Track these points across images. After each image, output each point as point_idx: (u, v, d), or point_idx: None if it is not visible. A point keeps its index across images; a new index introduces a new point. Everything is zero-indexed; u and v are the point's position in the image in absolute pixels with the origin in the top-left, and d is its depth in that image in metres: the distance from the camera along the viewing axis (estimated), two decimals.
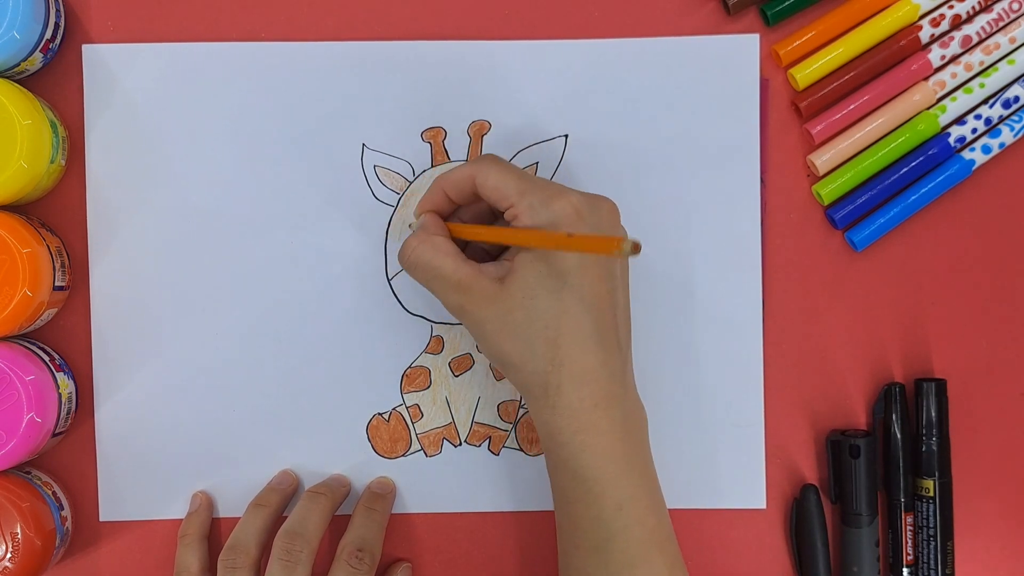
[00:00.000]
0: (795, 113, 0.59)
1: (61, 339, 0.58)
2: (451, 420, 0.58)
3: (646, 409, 0.53)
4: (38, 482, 0.55)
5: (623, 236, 0.44)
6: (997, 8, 0.58)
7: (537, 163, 0.58)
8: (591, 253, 0.47)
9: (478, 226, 0.54)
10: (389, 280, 0.58)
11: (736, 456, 0.59)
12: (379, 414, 0.58)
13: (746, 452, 0.59)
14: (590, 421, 0.50)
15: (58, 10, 0.56)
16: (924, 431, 0.58)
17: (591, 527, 0.50)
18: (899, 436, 0.58)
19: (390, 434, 0.58)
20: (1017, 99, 0.58)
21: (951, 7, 0.58)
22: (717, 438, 0.58)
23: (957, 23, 0.58)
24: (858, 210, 0.58)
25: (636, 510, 0.50)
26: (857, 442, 0.57)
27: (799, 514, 0.58)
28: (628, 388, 0.52)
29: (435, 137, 0.58)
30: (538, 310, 0.49)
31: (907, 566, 0.58)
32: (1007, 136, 0.58)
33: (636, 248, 0.43)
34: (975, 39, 0.58)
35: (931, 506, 0.57)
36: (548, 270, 0.50)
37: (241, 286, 0.58)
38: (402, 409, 0.58)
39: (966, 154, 0.58)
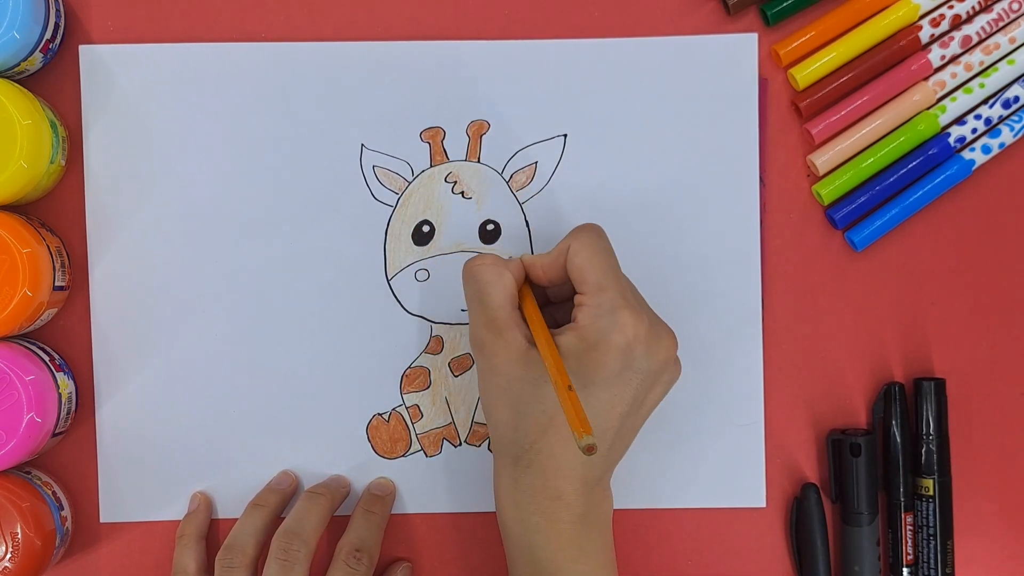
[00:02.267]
0: (795, 113, 0.59)
1: (61, 339, 0.58)
2: (451, 420, 0.58)
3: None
4: (38, 482, 0.55)
5: (590, 432, 0.44)
6: (997, 8, 0.58)
7: (536, 163, 0.58)
8: (564, 411, 0.47)
9: (531, 304, 0.52)
10: (389, 280, 0.58)
11: (736, 455, 0.59)
12: (379, 414, 0.58)
13: (746, 451, 0.59)
14: (549, 509, 0.50)
15: (58, 10, 0.56)
16: (924, 431, 0.58)
17: None
18: (899, 436, 0.58)
19: (390, 434, 0.58)
20: (1017, 99, 0.58)
21: (951, 7, 0.58)
22: (717, 437, 0.58)
23: (957, 23, 0.58)
24: (858, 210, 0.58)
25: None
26: (858, 441, 0.57)
27: (799, 513, 0.58)
28: (601, 483, 0.51)
29: (434, 137, 0.58)
30: (544, 394, 0.49)
31: (907, 566, 0.58)
32: (1007, 136, 0.58)
33: (590, 448, 0.44)
34: (975, 39, 0.58)
35: (931, 505, 0.57)
36: (579, 367, 0.49)
37: (241, 286, 0.58)
38: (402, 409, 0.58)
39: (966, 154, 0.58)
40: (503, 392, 0.50)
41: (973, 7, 0.58)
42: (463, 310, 0.58)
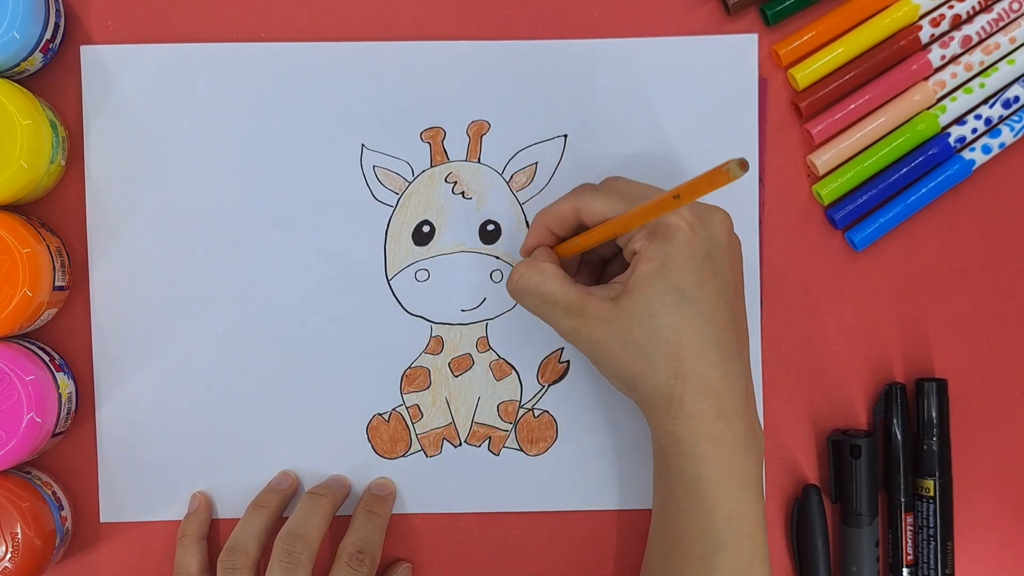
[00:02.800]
0: (795, 113, 0.59)
1: (61, 339, 0.58)
2: (451, 420, 0.58)
3: None
4: (38, 482, 0.55)
5: (728, 163, 0.42)
6: (997, 8, 0.58)
7: (537, 163, 0.58)
8: (707, 193, 0.45)
9: (582, 235, 0.53)
10: (389, 280, 0.58)
11: None
12: (379, 414, 0.58)
13: None
14: (712, 433, 0.50)
15: (58, 10, 0.56)
16: (924, 431, 0.58)
17: (699, 536, 0.50)
18: (899, 436, 0.58)
19: (390, 434, 0.58)
20: (1017, 99, 0.58)
21: (951, 7, 0.58)
22: None
23: (957, 23, 0.58)
24: (858, 210, 0.58)
25: (747, 524, 0.50)
26: (859, 442, 0.57)
27: (800, 514, 0.58)
28: (749, 402, 0.52)
29: (434, 137, 0.58)
30: (658, 326, 0.49)
31: (907, 566, 0.58)
32: (1007, 136, 0.58)
33: (743, 165, 0.42)
34: (975, 39, 0.58)
35: (931, 506, 0.57)
36: (666, 286, 0.49)
37: (241, 286, 0.58)
38: (402, 409, 0.58)
39: (966, 154, 0.58)
40: (621, 353, 0.50)
41: (973, 7, 0.58)
42: (463, 310, 0.58)
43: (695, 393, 0.50)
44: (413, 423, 0.58)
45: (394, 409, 0.58)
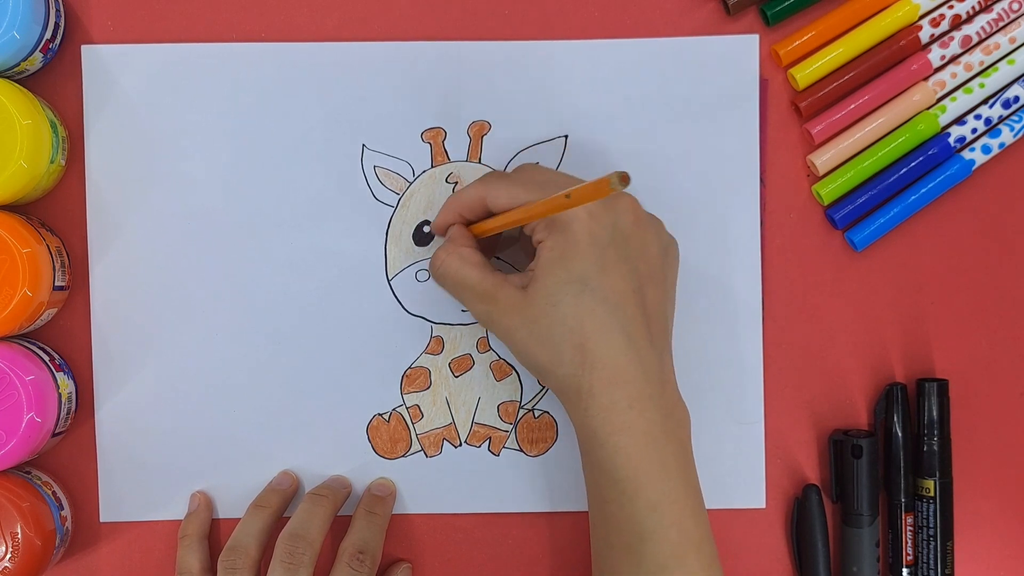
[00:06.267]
0: (795, 113, 0.59)
1: (61, 339, 0.58)
2: (451, 421, 0.58)
3: None
4: (38, 482, 0.55)
5: (610, 176, 0.43)
6: (997, 8, 0.58)
7: (537, 163, 0.58)
8: (592, 201, 0.47)
9: (489, 220, 0.53)
10: (389, 280, 0.58)
11: (736, 455, 0.59)
12: (379, 415, 0.58)
13: (746, 452, 0.59)
14: (625, 422, 0.50)
15: (58, 10, 0.56)
16: (925, 431, 0.58)
17: (625, 527, 0.50)
18: (900, 436, 0.58)
19: (390, 435, 0.58)
20: (1017, 99, 0.58)
21: (951, 7, 0.58)
22: (717, 437, 0.58)
23: (957, 23, 0.58)
24: (858, 210, 0.58)
25: (672, 512, 0.50)
26: (860, 442, 0.57)
27: (801, 514, 0.58)
28: (666, 386, 0.51)
29: (435, 138, 0.58)
30: (561, 315, 0.50)
31: (907, 566, 0.58)
32: (1007, 136, 0.58)
33: (624, 179, 0.42)
34: (975, 39, 0.58)
35: (931, 506, 0.57)
36: (568, 275, 0.50)
37: (241, 286, 0.58)
38: (402, 410, 0.58)
39: (966, 154, 0.58)
40: (529, 341, 0.51)
41: (973, 7, 0.58)
42: (464, 311, 0.58)
43: (604, 382, 0.49)
44: (413, 423, 0.58)
45: (394, 409, 0.58)
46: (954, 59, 0.59)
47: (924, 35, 0.58)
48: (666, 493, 0.50)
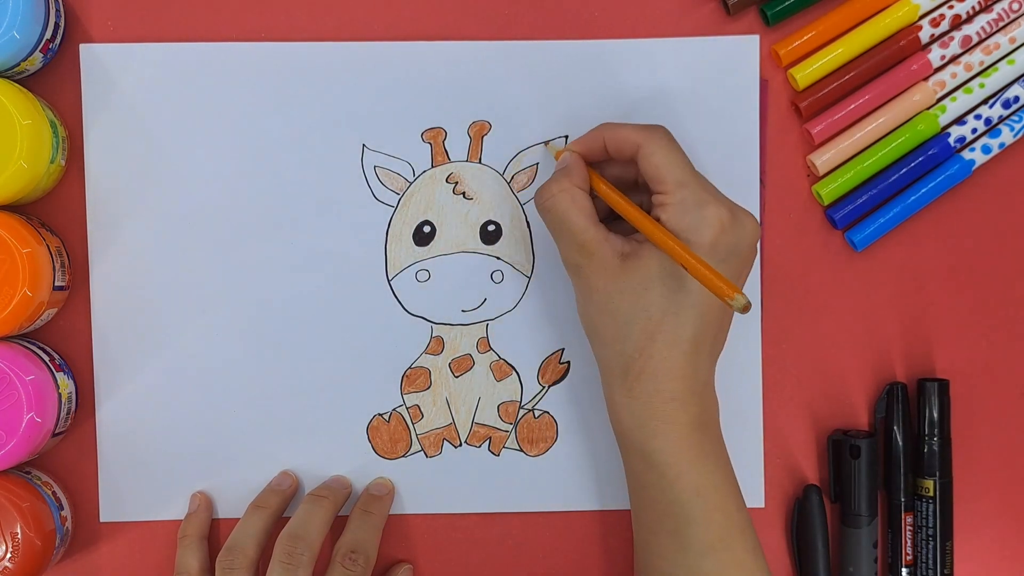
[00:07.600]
0: (795, 113, 0.59)
1: (61, 339, 0.58)
2: (451, 421, 0.58)
3: None
4: (38, 482, 0.55)
5: (740, 290, 0.47)
6: (997, 8, 0.58)
7: (538, 164, 0.58)
8: (706, 285, 0.48)
9: (618, 195, 0.53)
10: (389, 280, 0.58)
11: (735, 455, 0.58)
12: (379, 415, 0.58)
13: (745, 451, 0.59)
14: (665, 412, 0.50)
15: (58, 10, 0.56)
16: (926, 431, 0.58)
17: (668, 512, 0.51)
18: (900, 436, 0.58)
19: (390, 435, 0.58)
20: (1017, 99, 0.58)
21: (951, 7, 0.58)
22: None
23: (957, 23, 0.58)
24: (858, 210, 0.58)
25: (715, 497, 0.51)
26: (858, 442, 0.57)
27: (800, 514, 0.58)
28: (708, 385, 0.52)
29: (435, 138, 0.58)
30: (648, 300, 0.50)
31: (906, 566, 0.58)
32: (1007, 136, 0.58)
33: (746, 307, 0.46)
34: (975, 39, 0.58)
35: (931, 506, 0.57)
36: (673, 269, 0.50)
37: (241, 286, 0.58)
38: (402, 410, 0.58)
39: (966, 154, 0.58)
40: (604, 307, 0.51)
41: (973, 7, 0.58)
42: (464, 311, 0.58)
43: (654, 373, 0.50)
44: (413, 423, 0.58)
45: (394, 409, 0.58)
46: (954, 59, 0.59)
47: (924, 35, 0.58)
48: (708, 479, 0.51)
